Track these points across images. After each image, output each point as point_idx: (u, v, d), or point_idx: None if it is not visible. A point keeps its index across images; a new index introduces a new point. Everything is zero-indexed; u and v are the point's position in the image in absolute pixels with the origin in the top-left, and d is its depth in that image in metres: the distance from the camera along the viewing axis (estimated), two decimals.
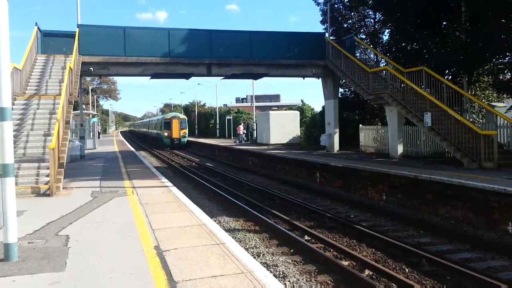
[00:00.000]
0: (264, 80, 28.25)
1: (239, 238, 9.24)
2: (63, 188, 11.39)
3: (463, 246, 8.75)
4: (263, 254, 8.22)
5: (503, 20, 16.62)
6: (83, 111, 26.32)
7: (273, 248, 8.75)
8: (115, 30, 19.93)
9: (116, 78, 75.76)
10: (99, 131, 48.18)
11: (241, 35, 21.57)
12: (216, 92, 73.53)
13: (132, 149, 31.82)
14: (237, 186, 17.14)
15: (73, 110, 20.73)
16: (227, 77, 22.47)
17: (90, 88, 67.06)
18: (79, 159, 20.57)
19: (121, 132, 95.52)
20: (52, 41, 19.57)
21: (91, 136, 30.78)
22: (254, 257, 7.50)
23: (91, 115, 41.83)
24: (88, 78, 57.38)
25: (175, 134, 42.54)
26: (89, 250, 5.85)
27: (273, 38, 21.84)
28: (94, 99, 74.41)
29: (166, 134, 42.55)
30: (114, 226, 7.22)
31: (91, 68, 19.36)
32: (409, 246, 8.37)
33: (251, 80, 35.55)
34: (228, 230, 9.68)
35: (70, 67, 15.31)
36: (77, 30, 18.95)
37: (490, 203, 9.79)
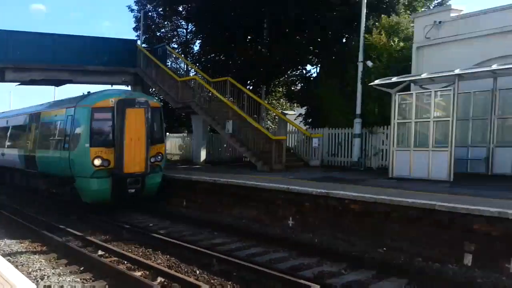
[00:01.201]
0: (74, 86, 26.32)
1: (21, 262, 8.32)
2: None
3: (250, 242, 9.53)
4: (48, 276, 7.54)
5: (297, 37, 18.94)
6: None
7: (61, 268, 8.13)
8: None
9: None
10: None
11: (43, 38, 20.08)
12: (10, 100, 63.50)
13: None
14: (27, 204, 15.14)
15: None
16: (25, 83, 20.39)
17: None
18: None
19: None
20: None
21: None
22: (37, 280, 6.91)
23: None
24: None
25: (133, 164, 12.09)
26: None
27: (80, 42, 20.73)
28: None
29: (96, 162, 11.85)
30: None
31: None
32: (202, 248, 8.73)
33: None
34: (9, 255, 8.65)
35: None
36: None
37: (276, 201, 10.87)
